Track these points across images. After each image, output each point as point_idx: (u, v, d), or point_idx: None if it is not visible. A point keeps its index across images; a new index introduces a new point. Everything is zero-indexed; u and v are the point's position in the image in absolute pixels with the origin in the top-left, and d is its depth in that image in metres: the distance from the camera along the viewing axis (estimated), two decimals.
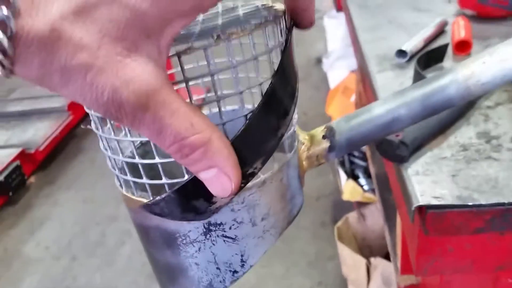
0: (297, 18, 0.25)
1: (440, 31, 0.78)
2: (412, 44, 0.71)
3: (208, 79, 0.23)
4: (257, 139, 0.23)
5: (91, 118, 0.26)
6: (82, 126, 2.46)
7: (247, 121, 0.23)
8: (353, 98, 1.75)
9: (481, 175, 0.46)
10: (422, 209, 0.44)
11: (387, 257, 1.14)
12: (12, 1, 0.17)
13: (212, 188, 0.22)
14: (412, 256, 0.51)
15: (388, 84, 0.66)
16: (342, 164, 1.60)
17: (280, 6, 0.26)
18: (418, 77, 0.62)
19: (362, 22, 0.90)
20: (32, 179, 2.23)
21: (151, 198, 0.25)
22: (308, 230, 1.69)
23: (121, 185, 0.27)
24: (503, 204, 0.43)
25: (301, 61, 2.85)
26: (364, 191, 1.46)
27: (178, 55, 0.21)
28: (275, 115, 0.24)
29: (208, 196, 0.23)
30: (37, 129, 2.33)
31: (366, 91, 0.81)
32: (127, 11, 0.18)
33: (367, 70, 0.72)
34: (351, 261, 1.24)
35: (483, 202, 0.43)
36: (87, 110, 0.25)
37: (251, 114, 0.23)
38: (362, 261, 1.19)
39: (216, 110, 0.31)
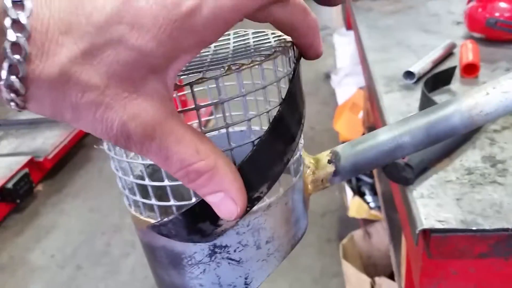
0: (303, 52, 0.26)
1: (449, 54, 0.79)
2: (420, 65, 0.72)
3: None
4: (264, 164, 0.24)
5: None
6: (94, 146, 2.48)
7: (254, 147, 0.23)
8: (360, 114, 1.76)
9: (485, 199, 0.47)
10: (426, 232, 0.44)
11: (391, 276, 1.14)
12: (23, 47, 0.18)
13: (219, 211, 0.23)
14: (415, 278, 0.51)
15: (395, 104, 0.66)
16: (348, 180, 1.60)
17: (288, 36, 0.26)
18: (425, 99, 0.63)
19: (371, 43, 0.91)
20: (39, 187, 2.24)
21: (159, 219, 0.25)
22: (313, 246, 1.69)
23: (130, 204, 0.28)
24: (507, 229, 0.43)
25: (310, 76, 2.88)
26: (370, 208, 1.46)
27: (191, 85, 0.22)
28: (282, 141, 0.25)
29: (214, 219, 0.23)
30: (46, 138, 2.36)
31: (373, 111, 0.81)
32: (133, 53, 0.18)
33: (375, 90, 0.73)
34: (355, 280, 1.24)
35: (487, 227, 0.43)
36: None
37: (259, 140, 0.23)
38: (366, 280, 1.19)
39: (223, 131, 0.32)
